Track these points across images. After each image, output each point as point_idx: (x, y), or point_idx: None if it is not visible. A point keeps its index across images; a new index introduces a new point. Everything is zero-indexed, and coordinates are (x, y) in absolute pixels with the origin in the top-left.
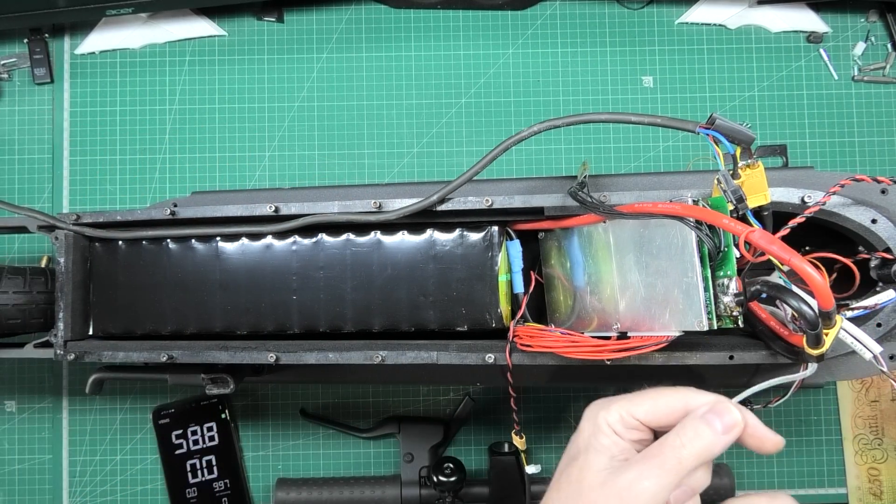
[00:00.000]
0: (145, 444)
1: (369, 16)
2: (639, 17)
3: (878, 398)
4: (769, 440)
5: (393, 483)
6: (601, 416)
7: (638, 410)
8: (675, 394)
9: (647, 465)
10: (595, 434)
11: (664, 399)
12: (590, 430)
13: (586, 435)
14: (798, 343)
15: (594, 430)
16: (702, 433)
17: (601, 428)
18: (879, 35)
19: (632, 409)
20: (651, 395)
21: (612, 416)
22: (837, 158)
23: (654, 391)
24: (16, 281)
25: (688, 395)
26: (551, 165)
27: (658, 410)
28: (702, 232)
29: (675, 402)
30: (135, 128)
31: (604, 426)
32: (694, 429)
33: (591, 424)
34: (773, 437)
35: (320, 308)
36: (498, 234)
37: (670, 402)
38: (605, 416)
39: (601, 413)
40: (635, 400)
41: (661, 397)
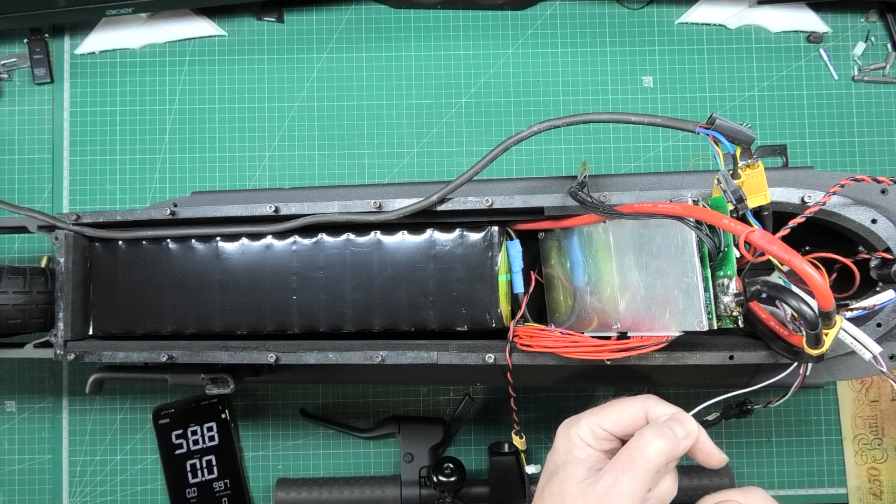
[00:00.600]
0: (145, 444)
1: (369, 16)
2: (639, 17)
3: (878, 398)
4: (715, 456)
5: (393, 483)
6: (573, 432)
7: (605, 422)
8: (637, 403)
9: (619, 468)
10: (570, 449)
11: (628, 409)
12: (564, 445)
13: (562, 451)
14: (798, 343)
15: (569, 445)
16: (663, 434)
17: (575, 443)
18: (879, 35)
19: (600, 421)
20: (616, 407)
21: (583, 431)
22: (837, 158)
23: (618, 402)
24: (16, 281)
25: (648, 403)
26: (551, 165)
27: (623, 420)
28: (702, 232)
29: (637, 410)
30: (135, 128)
31: (577, 440)
32: (656, 431)
33: (565, 440)
34: (719, 454)
35: (320, 308)
36: (498, 234)
37: (633, 412)
38: (576, 431)
39: (572, 429)
40: (602, 413)
41: (624, 408)
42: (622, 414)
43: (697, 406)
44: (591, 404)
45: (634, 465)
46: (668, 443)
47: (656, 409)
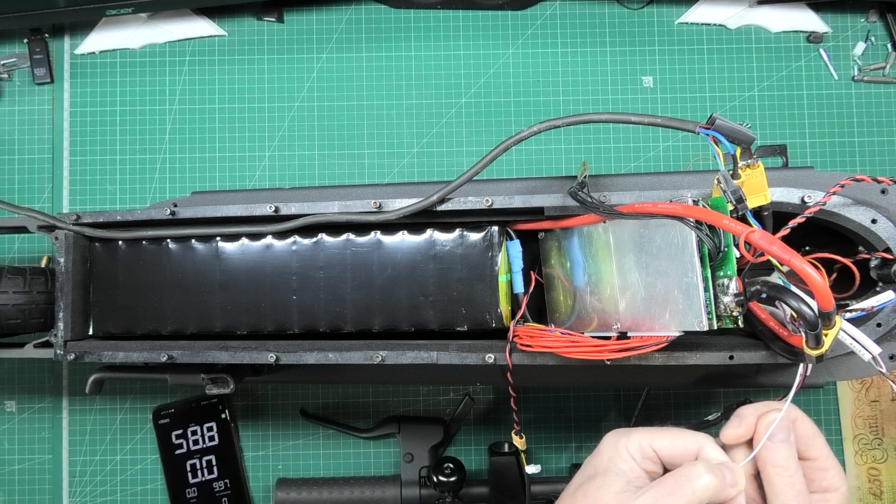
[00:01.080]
0: (145, 444)
1: (369, 16)
2: (639, 17)
3: (878, 398)
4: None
5: (393, 483)
6: (622, 443)
7: (658, 443)
8: (694, 437)
9: (664, 490)
10: (614, 458)
11: (683, 440)
12: (609, 453)
13: (605, 457)
14: (798, 343)
15: (614, 453)
16: (715, 472)
17: (621, 453)
18: (879, 35)
19: (652, 440)
20: (671, 433)
21: (633, 444)
22: (837, 158)
23: (675, 430)
24: (16, 281)
25: (704, 441)
26: (551, 165)
27: (675, 447)
28: (702, 232)
29: (691, 444)
30: (135, 128)
31: (623, 452)
32: (709, 467)
33: (612, 447)
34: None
35: (320, 308)
36: (498, 234)
37: (688, 444)
38: (625, 442)
39: (622, 440)
40: (656, 433)
41: (680, 437)
42: (676, 441)
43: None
44: (591, 404)
45: (679, 492)
46: (717, 482)
47: (709, 450)
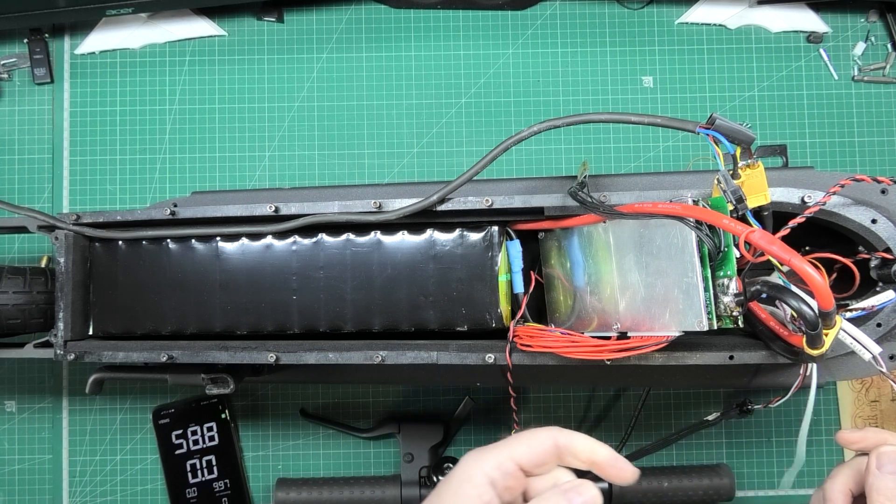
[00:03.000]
0: (145, 444)
1: (369, 16)
2: (639, 17)
3: (878, 398)
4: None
5: (393, 483)
6: (477, 467)
7: (517, 456)
8: (544, 433)
9: None
10: (462, 483)
11: (537, 439)
12: (459, 478)
13: (454, 482)
14: (798, 343)
15: (463, 479)
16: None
17: (472, 478)
18: (879, 35)
19: (511, 453)
20: (524, 439)
21: (489, 465)
22: (837, 158)
23: (526, 434)
24: (16, 281)
25: (554, 433)
26: (551, 165)
27: (533, 452)
28: (702, 232)
29: (545, 440)
30: (135, 128)
31: (477, 477)
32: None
33: (464, 473)
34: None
35: (320, 308)
36: (498, 234)
37: (542, 441)
38: (480, 465)
39: (476, 463)
40: (511, 446)
41: (533, 438)
42: (532, 446)
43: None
44: (591, 404)
45: None
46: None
47: (562, 437)
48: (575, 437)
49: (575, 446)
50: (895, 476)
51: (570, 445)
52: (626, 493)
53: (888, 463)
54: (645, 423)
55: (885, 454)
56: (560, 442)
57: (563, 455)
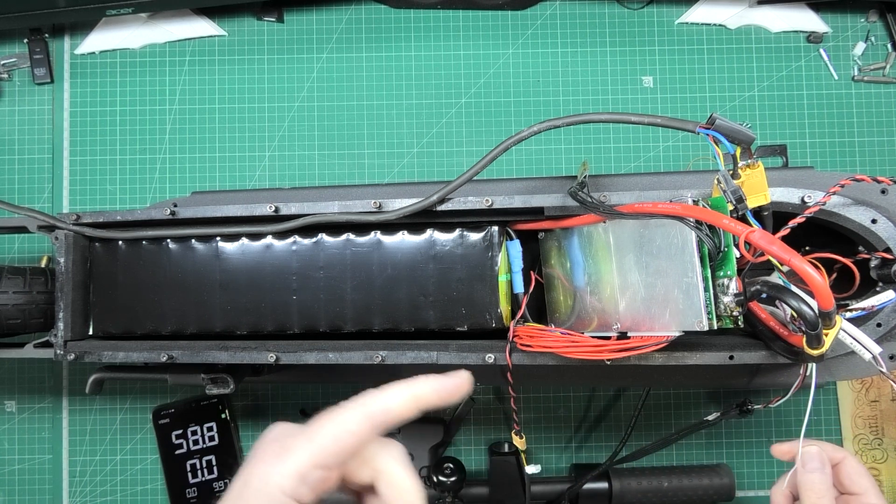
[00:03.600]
0: (145, 444)
1: (369, 16)
2: (639, 17)
3: (878, 398)
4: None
5: None
6: (274, 485)
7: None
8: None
9: None
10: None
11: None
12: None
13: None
14: (798, 343)
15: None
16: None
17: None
18: (879, 35)
19: (315, 459)
20: (330, 430)
21: (287, 481)
22: (837, 158)
23: (331, 421)
24: (16, 281)
25: (366, 411)
26: (551, 165)
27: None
28: (702, 232)
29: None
30: (135, 128)
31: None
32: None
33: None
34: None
35: (320, 308)
36: (498, 234)
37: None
38: (277, 480)
39: (274, 477)
40: (315, 444)
41: (342, 427)
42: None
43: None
44: (591, 404)
45: None
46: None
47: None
48: (388, 399)
49: (394, 411)
50: (818, 472)
51: (388, 412)
52: (626, 493)
53: (810, 461)
54: (645, 423)
55: (806, 453)
56: (376, 420)
57: (386, 426)
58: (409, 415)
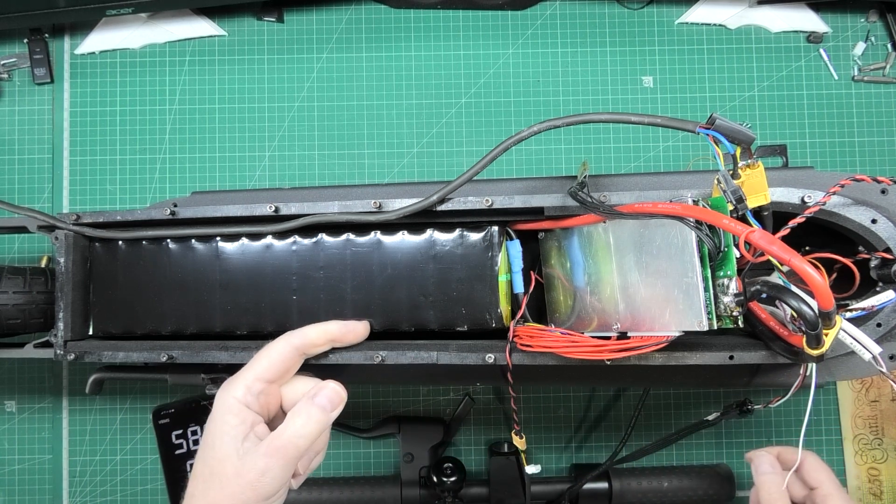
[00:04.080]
0: (145, 444)
1: (369, 16)
2: (639, 17)
3: (878, 398)
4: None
5: (393, 483)
6: (229, 396)
7: (262, 373)
8: (280, 343)
9: (271, 457)
10: (223, 415)
11: (275, 350)
12: (220, 412)
13: (217, 418)
14: (798, 343)
15: (223, 410)
16: (314, 416)
17: (230, 407)
18: (879, 35)
19: (256, 374)
20: (264, 355)
21: (239, 391)
22: (837, 158)
23: (265, 350)
24: (16, 281)
25: (289, 339)
26: (551, 165)
27: (274, 364)
28: (702, 232)
29: (283, 348)
30: (135, 128)
31: (233, 404)
32: (307, 414)
33: (221, 406)
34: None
35: (320, 308)
36: (498, 234)
37: (281, 351)
38: (232, 393)
39: (229, 393)
40: (255, 366)
41: (272, 351)
42: (272, 358)
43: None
44: (591, 404)
45: (287, 454)
46: (318, 425)
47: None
48: (307, 331)
49: (310, 338)
50: (767, 475)
51: (305, 340)
52: (626, 493)
53: (759, 465)
54: (645, 423)
55: (755, 458)
56: (296, 343)
57: (306, 351)
58: (321, 345)
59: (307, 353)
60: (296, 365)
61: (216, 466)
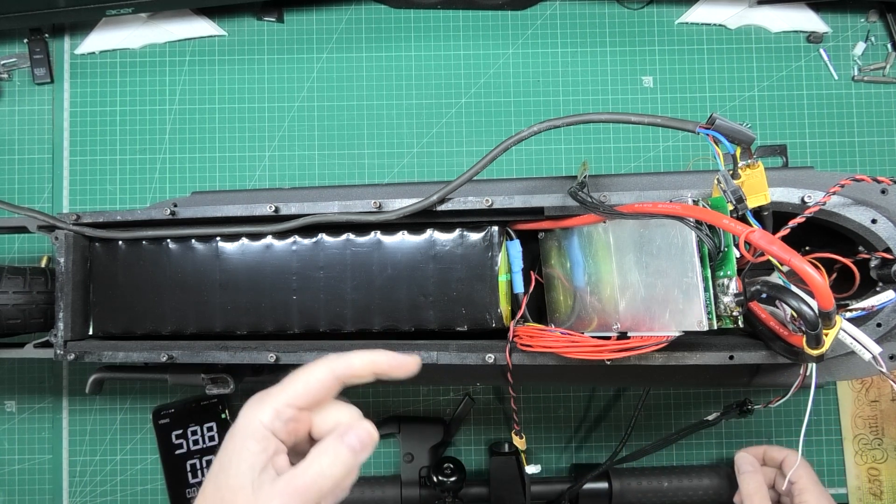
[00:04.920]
0: (145, 444)
1: (369, 16)
2: (639, 17)
3: (878, 398)
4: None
5: (393, 483)
6: (255, 418)
7: (295, 399)
8: (320, 366)
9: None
10: (245, 439)
11: (314, 375)
12: (241, 434)
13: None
14: (798, 343)
15: (245, 433)
16: (341, 457)
17: (254, 432)
18: (879, 35)
19: (288, 399)
20: (301, 378)
21: (266, 415)
22: (837, 158)
23: (301, 372)
24: (16, 281)
25: (331, 365)
26: (551, 165)
27: (311, 391)
28: (702, 232)
29: (321, 374)
30: (135, 128)
31: (257, 429)
32: (334, 454)
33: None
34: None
35: (320, 308)
36: (498, 234)
37: (318, 376)
38: (259, 416)
39: (255, 415)
40: (289, 389)
41: (310, 375)
42: (309, 384)
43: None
44: (591, 404)
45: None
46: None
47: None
48: (351, 359)
49: (354, 367)
50: (748, 474)
51: (349, 370)
52: (626, 493)
53: (741, 465)
54: (645, 423)
55: (738, 459)
56: (337, 372)
57: (347, 381)
58: (365, 376)
59: (347, 383)
60: (333, 393)
61: (227, 496)
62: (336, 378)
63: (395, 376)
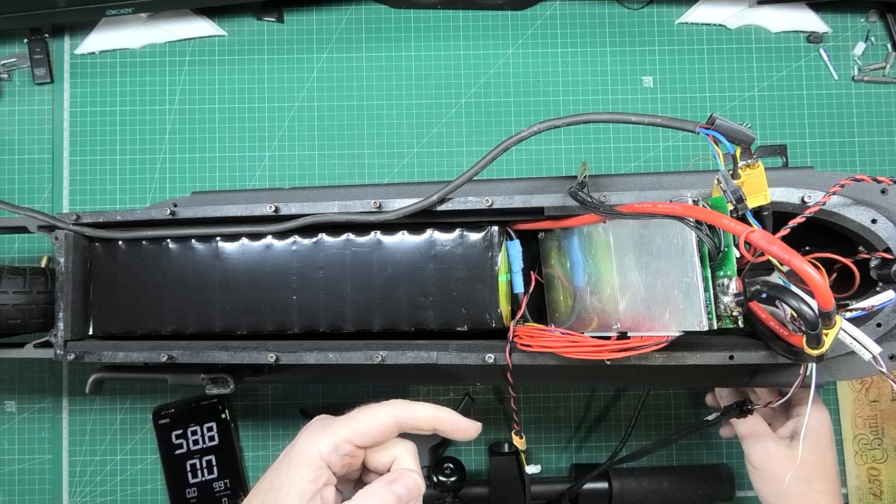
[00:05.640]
0: (145, 444)
1: (369, 16)
2: (639, 17)
3: (878, 398)
4: (470, 428)
5: None
6: (314, 447)
7: (355, 437)
8: (385, 409)
9: None
10: (300, 465)
11: (377, 418)
12: (297, 459)
13: (293, 463)
14: (798, 343)
15: (300, 460)
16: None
17: (310, 460)
18: (879, 35)
19: (349, 436)
20: (365, 417)
21: (325, 446)
22: (837, 158)
23: (367, 411)
24: (16, 281)
25: (396, 408)
26: (551, 165)
27: (372, 432)
28: (702, 232)
29: (386, 417)
30: (135, 128)
31: (314, 458)
32: (381, 500)
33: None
34: (471, 424)
35: (320, 308)
36: (498, 234)
37: (382, 419)
38: (317, 446)
39: (314, 444)
40: (351, 426)
41: (374, 417)
42: (371, 425)
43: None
44: (591, 404)
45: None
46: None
47: (403, 414)
48: (416, 410)
49: (418, 419)
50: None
51: (412, 420)
52: (626, 493)
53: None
54: (645, 423)
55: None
56: (401, 419)
57: (407, 429)
58: (426, 428)
59: (406, 429)
60: (392, 436)
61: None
62: (398, 424)
63: (453, 437)
